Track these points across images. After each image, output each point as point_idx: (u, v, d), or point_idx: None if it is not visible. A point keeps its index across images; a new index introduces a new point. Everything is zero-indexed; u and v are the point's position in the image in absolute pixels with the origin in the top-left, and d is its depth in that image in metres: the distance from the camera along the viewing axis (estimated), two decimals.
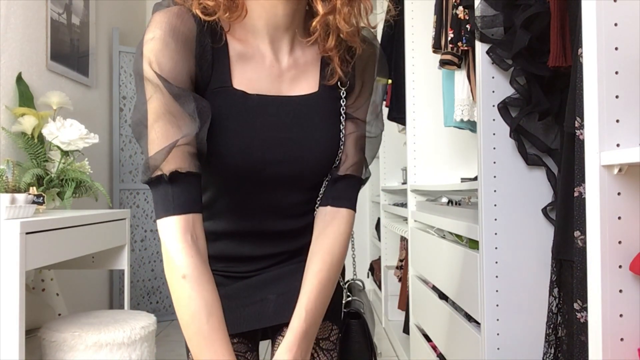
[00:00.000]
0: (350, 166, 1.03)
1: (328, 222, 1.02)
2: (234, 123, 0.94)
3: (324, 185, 1.04)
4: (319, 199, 1.04)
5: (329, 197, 1.03)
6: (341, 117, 1.03)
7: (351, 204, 1.04)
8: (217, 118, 0.92)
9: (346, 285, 1.21)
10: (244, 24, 0.96)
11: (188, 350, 1.02)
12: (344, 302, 1.15)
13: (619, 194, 0.83)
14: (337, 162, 1.03)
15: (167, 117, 0.87)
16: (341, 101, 1.03)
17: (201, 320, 0.86)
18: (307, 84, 1.00)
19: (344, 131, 1.03)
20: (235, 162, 0.94)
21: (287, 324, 0.97)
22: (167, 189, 0.87)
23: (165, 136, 0.87)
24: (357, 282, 1.23)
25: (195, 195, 0.90)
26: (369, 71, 1.06)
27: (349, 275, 1.23)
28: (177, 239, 0.87)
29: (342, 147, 1.03)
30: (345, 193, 1.03)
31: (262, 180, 0.98)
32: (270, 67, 0.98)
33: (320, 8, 0.92)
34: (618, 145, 0.83)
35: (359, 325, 1.13)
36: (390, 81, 2.90)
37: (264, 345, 1.16)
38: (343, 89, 1.03)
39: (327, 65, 1.00)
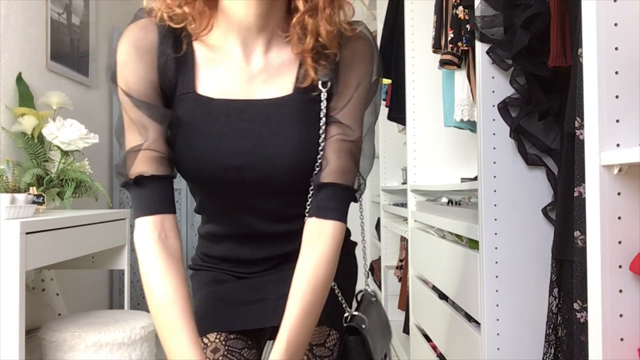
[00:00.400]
0: (332, 173, 0.96)
1: (314, 236, 0.97)
2: (197, 129, 0.95)
3: (310, 191, 0.99)
4: (308, 203, 1.00)
5: (314, 208, 0.98)
6: (320, 121, 0.97)
7: (338, 215, 0.97)
8: (182, 124, 0.95)
9: (359, 297, 1.18)
10: (215, 26, 0.95)
11: None
12: (345, 315, 1.09)
13: (619, 194, 0.83)
14: (318, 169, 0.97)
15: (132, 126, 0.93)
16: (321, 104, 0.97)
17: (161, 313, 0.91)
18: (280, 87, 0.97)
19: (323, 135, 0.97)
20: (200, 167, 0.95)
21: None
22: (136, 192, 0.94)
23: (132, 144, 0.94)
24: (369, 292, 1.19)
25: (162, 197, 0.94)
26: (354, 70, 0.99)
27: (360, 283, 1.19)
28: (143, 238, 0.93)
29: (321, 152, 0.97)
30: (330, 203, 0.97)
31: (235, 185, 0.97)
32: (240, 70, 0.96)
33: (300, 6, 0.90)
34: (618, 145, 0.83)
35: (357, 342, 1.05)
36: (390, 81, 2.90)
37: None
38: (324, 90, 0.97)
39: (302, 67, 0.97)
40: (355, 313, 1.08)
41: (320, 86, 0.97)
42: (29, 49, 2.47)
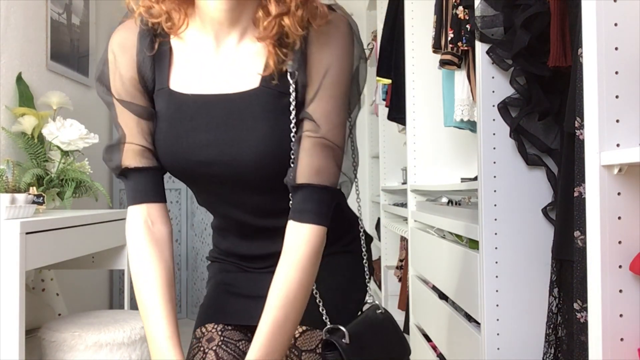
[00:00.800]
0: (305, 173, 0.91)
1: (290, 242, 0.93)
2: (169, 124, 0.97)
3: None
4: (291, 203, 0.95)
5: (291, 210, 0.94)
6: (291, 115, 0.93)
7: (315, 218, 0.92)
8: (159, 119, 0.98)
9: (364, 308, 1.12)
10: (192, 23, 0.96)
11: (189, 349, 1.05)
12: (326, 327, 1.00)
13: (619, 194, 0.83)
14: (292, 168, 0.93)
15: (119, 123, 0.99)
16: (290, 97, 0.93)
17: (139, 294, 0.97)
18: (249, 80, 0.94)
19: (294, 130, 0.93)
20: (173, 161, 0.97)
21: None
22: (125, 184, 1.00)
23: (118, 137, 1.00)
24: (375, 304, 1.11)
25: (147, 187, 0.99)
26: (320, 56, 0.93)
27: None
28: (130, 226, 0.99)
29: (293, 148, 0.93)
30: (305, 205, 0.92)
31: (209, 180, 0.97)
32: (212, 64, 0.96)
33: (273, 9, 0.89)
34: (618, 145, 0.83)
35: (334, 359, 0.97)
36: (390, 81, 2.90)
37: None
38: (291, 81, 0.93)
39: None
40: (341, 327, 0.99)
41: (288, 77, 0.92)
42: (29, 49, 2.47)
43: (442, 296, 2.04)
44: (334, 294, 1.05)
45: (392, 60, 2.88)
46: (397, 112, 2.88)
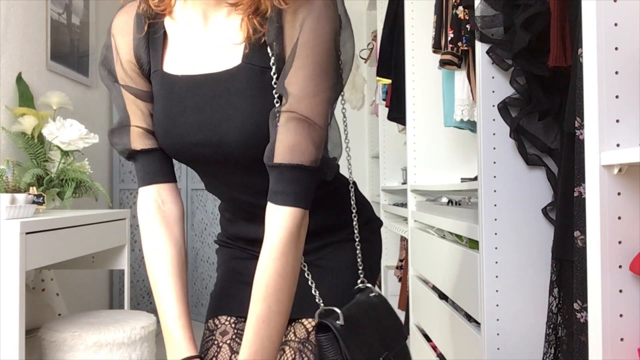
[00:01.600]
0: (279, 151, 0.87)
1: (267, 227, 0.89)
2: (162, 106, 0.97)
3: None
4: None
5: (269, 192, 0.90)
6: (273, 91, 0.89)
7: (289, 200, 0.87)
8: (155, 102, 0.99)
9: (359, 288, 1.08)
10: (183, 2, 0.96)
11: (202, 341, 1.06)
12: (318, 311, 0.98)
13: (619, 194, 0.83)
14: (268, 147, 0.88)
15: (121, 106, 1.00)
16: (272, 72, 0.89)
17: (150, 272, 0.99)
18: (233, 57, 0.91)
19: (277, 105, 0.89)
20: (166, 144, 0.98)
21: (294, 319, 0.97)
22: (135, 166, 1.02)
23: (119, 120, 1.01)
24: (369, 287, 1.07)
25: (155, 167, 1.00)
26: (296, 21, 0.88)
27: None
28: (141, 206, 1.01)
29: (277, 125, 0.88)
30: (279, 186, 0.88)
31: (203, 161, 0.97)
32: (201, 44, 0.95)
33: None
34: (618, 145, 0.83)
35: (330, 341, 0.93)
36: (390, 81, 2.90)
37: None
38: (271, 53, 0.89)
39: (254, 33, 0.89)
40: (335, 309, 0.95)
41: (268, 51, 0.89)
42: (29, 49, 2.47)
43: (442, 296, 2.04)
44: (338, 282, 1.05)
45: (392, 60, 2.88)
46: (397, 112, 2.88)
